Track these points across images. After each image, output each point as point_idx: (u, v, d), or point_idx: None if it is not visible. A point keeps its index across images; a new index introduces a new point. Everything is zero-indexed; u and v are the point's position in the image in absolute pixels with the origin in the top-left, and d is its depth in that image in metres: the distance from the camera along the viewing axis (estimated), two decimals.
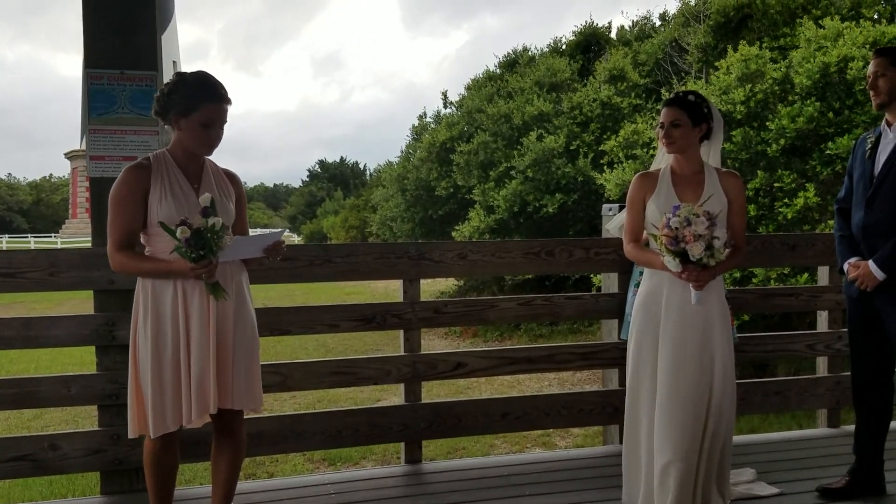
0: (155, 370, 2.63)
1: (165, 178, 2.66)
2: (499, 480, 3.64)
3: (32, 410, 7.53)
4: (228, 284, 2.68)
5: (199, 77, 2.67)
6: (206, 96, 2.63)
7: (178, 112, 2.63)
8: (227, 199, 2.77)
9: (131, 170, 2.67)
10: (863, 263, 3.24)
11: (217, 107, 2.65)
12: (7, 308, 15.85)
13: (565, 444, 6.70)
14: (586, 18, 30.50)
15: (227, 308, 2.67)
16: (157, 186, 2.64)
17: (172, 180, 2.66)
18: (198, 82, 2.65)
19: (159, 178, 2.65)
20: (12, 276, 3.33)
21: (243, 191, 2.91)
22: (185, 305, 2.63)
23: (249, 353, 2.76)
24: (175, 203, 2.61)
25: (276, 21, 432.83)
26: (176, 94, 2.62)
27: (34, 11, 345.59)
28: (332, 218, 36.52)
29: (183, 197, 2.65)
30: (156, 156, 2.72)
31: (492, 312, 3.95)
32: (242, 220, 2.88)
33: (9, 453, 3.36)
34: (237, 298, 2.73)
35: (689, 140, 3.05)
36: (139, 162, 2.70)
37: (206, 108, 2.62)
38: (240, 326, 2.73)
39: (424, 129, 19.03)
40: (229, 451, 2.83)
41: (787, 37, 11.32)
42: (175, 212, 2.59)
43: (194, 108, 2.61)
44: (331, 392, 8.15)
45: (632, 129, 11.62)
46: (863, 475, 3.41)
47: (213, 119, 2.64)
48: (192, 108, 2.61)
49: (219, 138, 2.70)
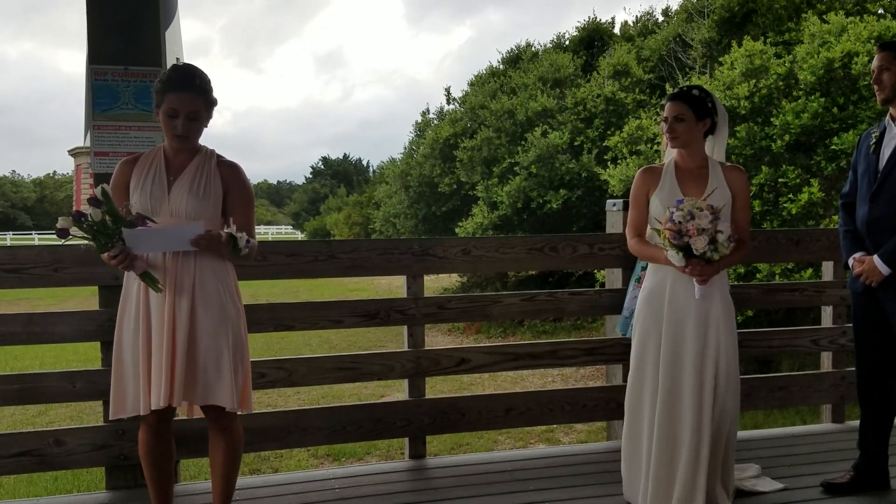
0: (117, 357, 2.75)
1: (146, 171, 2.74)
2: (502, 476, 3.64)
3: (37, 406, 7.55)
4: (186, 281, 2.68)
5: (168, 70, 2.75)
6: (169, 87, 2.68)
7: (155, 105, 2.74)
8: (207, 192, 2.74)
9: (119, 164, 2.81)
10: (868, 258, 3.23)
11: (178, 96, 2.67)
12: (11, 305, 15.91)
13: (569, 439, 6.71)
14: (589, 14, 30.48)
15: (182, 303, 2.67)
16: (136, 179, 2.74)
17: (152, 173, 2.73)
18: (165, 75, 2.73)
19: (141, 171, 2.74)
20: (16, 272, 3.34)
21: (241, 182, 2.83)
22: (146, 298, 2.70)
23: (214, 350, 2.69)
24: (143, 195, 2.70)
25: (278, 18, 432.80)
26: (156, 86, 2.73)
27: (36, 8, 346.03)
28: (336, 215, 36.51)
29: (156, 189, 2.71)
30: (151, 150, 2.82)
31: (495, 308, 3.95)
32: (238, 212, 2.79)
33: (14, 449, 3.37)
34: (199, 295, 2.70)
35: (693, 135, 3.05)
36: (132, 156, 2.82)
37: (169, 98, 2.67)
38: (202, 323, 2.69)
39: (427, 126, 19.02)
40: (222, 448, 2.84)
41: (792, 32, 11.29)
42: (147, 203, 2.68)
43: (162, 100, 2.70)
44: (335, 388, 8.16)
45: (636, 125, 11.60)
46: (867, 470, 3.41)
47: (174, 109, 2.68)
48: (160, 101, 2.70)
49: (187, 129, 2.70)
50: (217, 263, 2.75)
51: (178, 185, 2.71)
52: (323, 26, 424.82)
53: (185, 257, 2.69)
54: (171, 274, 2.68)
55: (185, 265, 2.70)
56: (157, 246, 2.67)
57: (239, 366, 2.76)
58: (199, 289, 2.71)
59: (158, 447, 2.84)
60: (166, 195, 2.70)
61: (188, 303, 2.68)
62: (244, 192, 2.83)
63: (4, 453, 3.36)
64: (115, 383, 2.75)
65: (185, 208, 2.69)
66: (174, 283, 2.68)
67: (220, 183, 2.78)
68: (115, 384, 2.75)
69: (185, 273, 2.69)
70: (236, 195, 2.80)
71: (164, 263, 2.68)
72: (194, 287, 2.69)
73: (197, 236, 2.61)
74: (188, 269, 2.69)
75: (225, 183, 2.78)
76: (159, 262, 2.68)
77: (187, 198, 2.70)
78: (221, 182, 2.78)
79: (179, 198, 2.70)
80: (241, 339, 2.80)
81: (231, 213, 2.79)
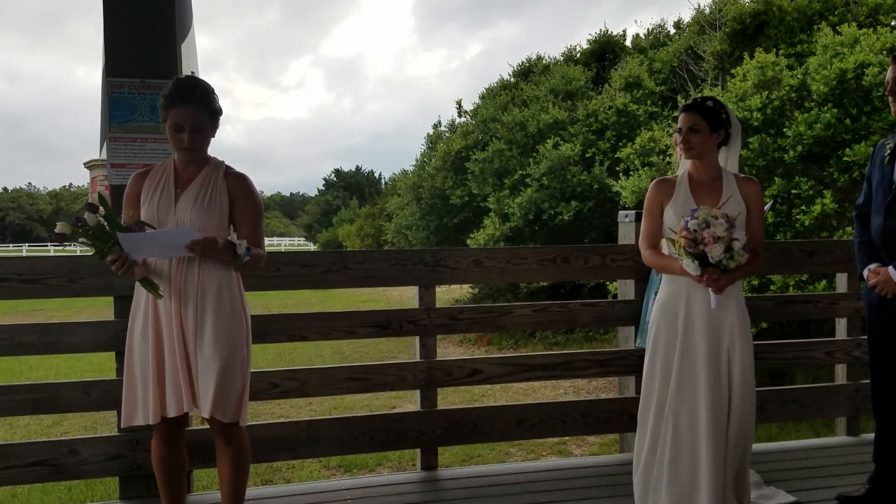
0: (128, 365, 2.79)
1: (156, 183, 2.79)
2: (515, 488, 3.63)
3: (52, 417, 7.59)
4: (190, 289, 2.71)
5: (171, 84, 2.77)
6: (171, 102, 2.72)
7: (161, 120, 2.79)
8: (213, 203, 2.76)
9: (132, 176, 2.86)
10: (883, 269, 3.22)
11: (181, 111, 2.70)
12: (26, 316, 16.02)
13: (581, 452, 6.67)
14: (600, 27, 30.51)
15: (187, 311, 2.71)
16: (146, 191, 2.79)
17: (161, 185, 2.78)
18: (167, 90, 2.75)
19: (151, 184, 2.79)
20: (33, 283, 3.38)
21: (248, 192, 2.83)
22: (155, 307, 2.73)
23: (216, 362, 2.69)
24: (150, 207, 2.75)
25: (291, 32, 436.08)
26: (158, 104, 2.79)
27: (52, 21, 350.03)
28: (348, 226, 36.63)
29: (163, 201, 2.75)
30: (162, 162, 2.87)
31: (507, 319, 3.95)
32: (245, 221, 2.81)
33: (29, 458, 3.40)
34: (203, 306, 2.72)
35: (707, 146, 3.05)
36: (144, 168, 2.87)
37: (173, 113, 2.72)
38: (205, 331, 2.71)
39: (439, 138, 19.05)
40: (227, 458, 2.85)
41: (804, 43, 11.26)
42: (155, 214, 2.73)
43: (167, 115, 2.74)
44: (346, 399, 8.16)
45: (648, 137, 11.59)
46: (883, 483, 3.38)
47: (178, 123, 2.72)
48: (165, 116, 2.74)
49: (193, 141, 2.73)
50: (221, 272, 2.76)
51: (184, 197, 2.76)
52: (335, 40, 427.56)
53: (190, 265, 2.72)
54: (175, 282, 2.71)
55: (190, 273, 2.72)
56: (153, 251, 2.70)
57: (238, 376, 2.75)
58: (203, 297, 2.73)
59: (170, 456, 2.87)
60: (173, 206, 2.75)
61: (193, 311, 2.71)
62: (251, 203, 2.84)
63: (20, 463, 3.39)
64: (126, 392, 2.80)
65: (190, 219, 2.72)
66: (179, 291, 2.71)
67: (227, 194, 2.80)
68: (127, 392, 2.80)
69: (188, 281, 2.72)
70: (243, 205, 2.82)
71: (170, 271, 2.73)
72: (198, 295, 2.72)
73: (192, 241, 2.62)
74: (192, 278, 2.72)
75: (231, 194, 2.81)
76: (164, 270, 2.73)
77: (192, 209, 2.74)
78: (228, 193, 2.80)
79: (184, 209, 2.74)
80: (243, 349, 2.79)
81: (238, 223, 2.83)
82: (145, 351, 2.74)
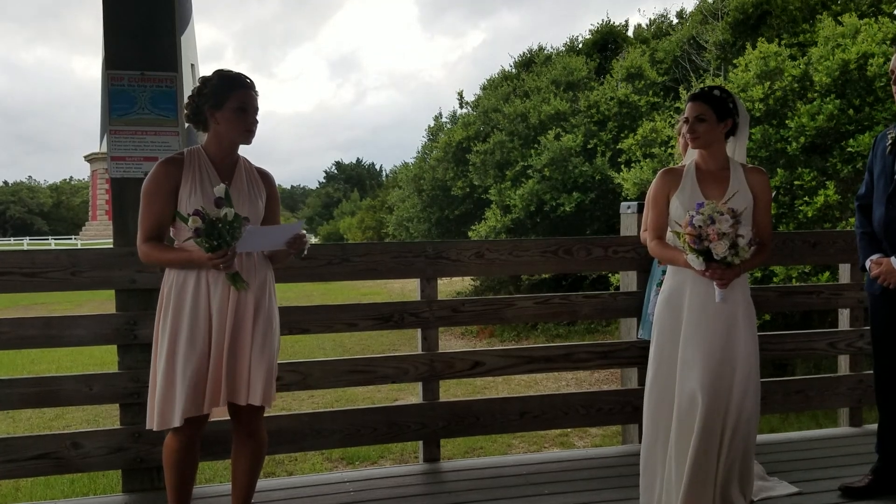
0: (169, 362, 2.64)
1: (197, 172, 2.70)
2: (517, 479, 3.63)
3: (54, 410, 7.61)
4: (252, 278, 2.71)
5: (222, 72, 2.76)
6: (235, 85, 2.71)
7: (212, 106, 2.69)
8: (257, 196, 2.80)
9: (162, 164, 2.73)
10: (885, 260, 3.21)
11: (246, 93, 2.71)
12: (27, 309, 16.05)
13: (583, 443, 6.68)
14: (603, 17, 30.39)
15: (247, 302, 2.69)
16: (187, 181, 2.69)
17: (203, 175, 2.70)
18: (222, 76, 2.74)
19: (191, 173, 2.70)
20: (34, 276, 3.37)
21: (276, 190, 2.93)
22: (208, 297, 2.67)
23: (266, 349, 2.73)
24: (204, 197, 2.64)
25: (291, 23, 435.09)
26: (206, 91, 2.70)
27: (51, 14, 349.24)
28: (349, 219, 36.63)
29: (213, 192, 2.66)
30: (190, 151, 2.77)
31: (509, 311, 3.94)
32: (275, 219, 2.91)
33: (31, 452, 3.40)
34: (260, 294, 2.74)
35: (714, 135, 3.02)
36: (173, 156, 2.75)
37: (237, 95, 2.69)
38: (260, 322, 2.72)
39: (440, 130, 19.02)
40: (249, 452, 2.83)
41: (807, 33, 11.21)
42: (204, 205, 2.61)
43: (226, 97, 2.68)
44: (348, 391, 8.18)
45: (650, 128, 11.56)
46: (886, 474, 3.38)
47: (246, 103, 2.70)
48: (224, 98, 2.68)
49: (255, 124, 2.75)
50: (267, 264, 2.82)
51: (237, 190, 2.72)
52: (336, 30, 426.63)
53: (248, 257, 2.72)
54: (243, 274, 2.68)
55: (249, 264, 2.72)
56: (258, 245, 2.72)
57: (275, 366, 2.82)
58: (261, 289, 2.75)
59: (188, 456, 2.77)
60: None
61: (253, 301, 2.71)
62: (276, 199, 2.93)
63: (22, 456, 3.39)
64: (163, 393, 2.64)
65: (248, 212, 2.70)
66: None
67: (264, 189, 2.85)
68: (164, 394, 2.64)
69: (250, 272, 2.72)
70: (273, 201, 2.89)
71: (241, 264, 2.69)
72: (256, 286, 2.73)
73: (294, 235, 2.68)
74: (252, 269, 2.73)
75: (264, 189, 2.86)
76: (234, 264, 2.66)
77: (248, 202, 2.73)
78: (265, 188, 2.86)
79: (240, 202, 2.70)
80: (278, 340, 2.86)
81: (268, 218, 2.86)
82: (194, 350, 2.63)
